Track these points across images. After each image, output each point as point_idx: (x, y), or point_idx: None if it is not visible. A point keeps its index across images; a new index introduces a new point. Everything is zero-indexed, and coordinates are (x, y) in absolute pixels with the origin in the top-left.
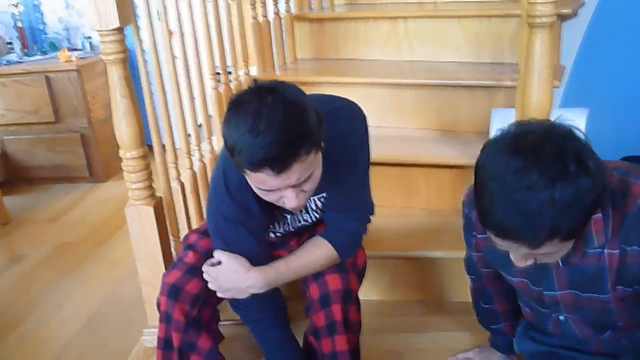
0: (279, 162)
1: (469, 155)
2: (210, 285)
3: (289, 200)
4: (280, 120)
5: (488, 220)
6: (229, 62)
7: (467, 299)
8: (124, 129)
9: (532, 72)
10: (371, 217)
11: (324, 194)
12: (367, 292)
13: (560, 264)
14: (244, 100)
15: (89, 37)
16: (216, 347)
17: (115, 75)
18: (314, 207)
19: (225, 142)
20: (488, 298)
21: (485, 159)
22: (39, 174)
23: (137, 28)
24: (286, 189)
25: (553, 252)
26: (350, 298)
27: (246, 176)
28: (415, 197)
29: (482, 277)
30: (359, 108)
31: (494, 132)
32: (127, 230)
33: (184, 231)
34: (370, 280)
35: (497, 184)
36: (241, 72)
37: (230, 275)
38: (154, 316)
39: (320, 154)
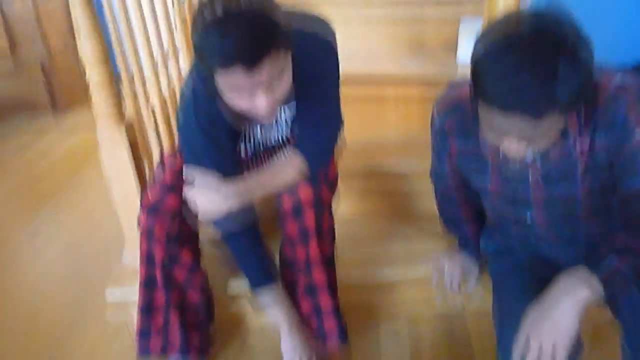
0: (250, 56)
1: (437, 72)
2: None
3: (260, 102)
4: (249, 18)
5: (495, 97)
6: None
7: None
8: (87, 46)
9: None
10: (340, 130)
11: (294, 103)
12: (340, 205)
13: (538, 160)
14: (211, 2)
15: None
16: (198, 261)
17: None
18: (283, 120)
19: (196, 48)
20: (453, 205)
21: (486, 41)
22: None
23: None
24: (258, 91)
25: (550, 128)
26: (322, 206)
27: (218, 81)
28: (385, 112)
29: (449, 187)
30: (329, 23)
31: (462, 42)
32: (95, 159)
33: (156, 157)
34: (342, 193)
35: (499, 60)
36: None
37: (204, 192)
38: (131, 237)
39: (289, 56)
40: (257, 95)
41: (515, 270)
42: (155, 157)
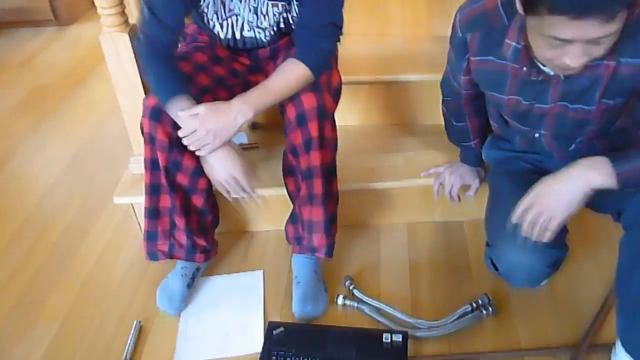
0: None
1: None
2: (193, 146)
3: None
4: None
5: (567, 3)
6: None
7: (439, 121)
8: None
9: None
10: (341, 36)
11: (282, 3)
12: (344, 118)
13: (562, 76)
14: None
15: None
16: (200, 166)
17: None
18: (269, 13)
19: None
20: (461, 116)
21: None
22: (0, 18)
23: None
24: None
25: (615, 31)
26: (325, 114)
27: None
28: (391, 24)
29: (460, 97)
30: None
31: None
32: (100, 71)
33: None
34: (347, 106)
35: None
36: None
37: (215, 114)
38: (138, 145)
39: None
40: None
41: (512, 176)
42: None
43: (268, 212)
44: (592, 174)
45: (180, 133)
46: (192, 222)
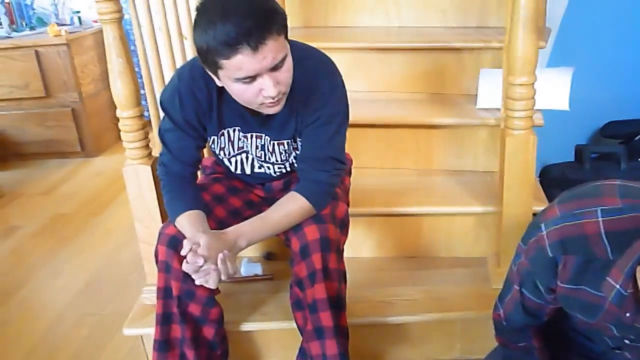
0: (254, 36)
1: (456, 115)
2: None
3: (268, 84)
4: (248, 3)
5: None
6: None
7: (456, 254)
8: (119, 88)
9: (517, 27)
10: (342, 170)
11: (287, 141)
12: (359, 250)
13: None
14: (207, 1)
15: (78, 12)
16: (214, 297)
17: (110, 35)
18: (277, 152)
19: (197, 45)
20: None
21: None
22: (30, 149)
23: None
24: (264, 75)
25: None
26: (328, 246)
27: (223, 77)
28: (405, 157)
29: (536, 317)
30: (334, 64)
31: (482, 92)
32: (120, 201)
33: None
34: (361, 238)
35: None
36: None
37: (215, 244)
38: (153, 275)
39: (288, 45)
40: (264, 78)
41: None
42: None
43: (279, 346)
44: None
45: (184, 268)
46: (201, 355)
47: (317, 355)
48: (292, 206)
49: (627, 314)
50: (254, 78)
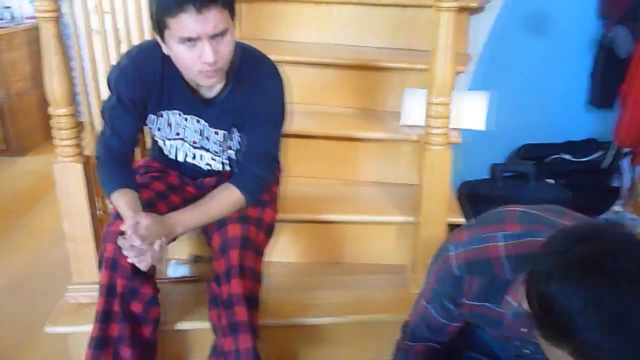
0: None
1: (382, 131)
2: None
3: (207, 50)
4: None
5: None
6: None
7: (378, 261)
8: (55, 85)
9: (437, 53)
10: (277, 167)
11: (224, 132)
12: (285, 254)
13: None
14: None
15: (9, 7)
16: (156, 295)
17: (48, 33)
18: (211, 139)
19: (151, 9)
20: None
21: (568, 289)
22: None
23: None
24: (204, 42)
25: None
26: (248, 245)
27: (169, 37)
28: (333, 168)
29: (439, 334)
30: (280, 72)
31: (406, 109)
32: (46, 202)
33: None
34: (288, 243)
35: (609, 316)
36: None
37: (155, 227)
38: (80, 273)
39: (232, 23)
40: (204, 43)
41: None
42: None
43: (205, 346)
44: None
45: (119, 242)
46: (135, 354)
47: (230, 352)
48: (226, 197)
49: (523, 329)
50: (195, 42)
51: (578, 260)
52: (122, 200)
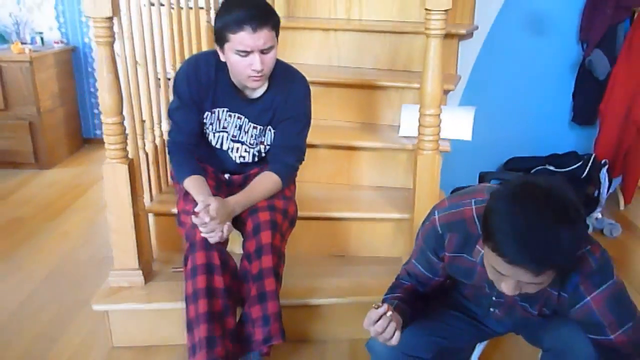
0: (255, 21)
1: (382, 141)
2: (211, 229)
3: (256, 61)
4: (259, 2)
5: (504, 252)
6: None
7: (377, 254)
8: (107, 98)
9: (427, 72)
10: (303, 161)
11: (261, 127)
12: (296, 247)
13: None
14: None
15: (41, 33)
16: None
17: (102, 54)
18: (250, 134)
19: (216, 25)
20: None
21: (498, 204)
22: None
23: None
24: (255, 55)
25: (544, 281)
26: (276, 228)
27: (227, 49)
28: (338, 174)
29: (422, 285)
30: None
31: (403, 122)
32: (74, 208)
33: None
34: (299, 238)
35: (513, 222)
36: None
37: (221, 208)
38: (121, 260)
39: (277, 42)
40: (255, 55)
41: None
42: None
43: None
44: None
45: (194, 220)
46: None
47: (257, 318)
48: (267, 181)
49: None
50: (248, 54)
51: (509, 190)
52: (193, 185)
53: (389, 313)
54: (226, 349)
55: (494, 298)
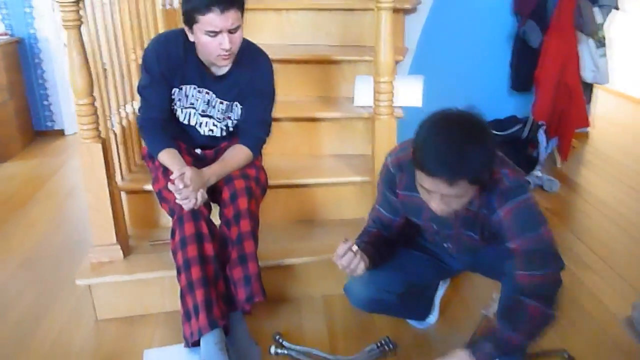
0: (223, 3)
1: (339, 111)
2: (185, 196)
3: (224, 41)
4: None
5: (424, 165)
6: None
7: (342, 216)
8: (78, 80)
9: (380, 44)
10: (270, 133)
11: (228, 102)
12: (267, 216)
13: (455, 215)
14: None
15: None
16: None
17: (72, 37)
18: (217, 109)
19: (185, 8)
20: (385, 233)
21: (422, 129)
22: None
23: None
24: (224, 35)
25: (462, 194)
26: (251, 194)
27: (196, 30)
28: (301, 145)
29: (386, 229)
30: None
31: (357, 93)
32: (38, 198)
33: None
34: (270, 206)
35: (431, 141)
36: None
37: (196, 177)
38: (99, 237)
39: (242, 22)
40: (223, 36)
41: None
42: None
43: None
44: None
45: (169, 187)
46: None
47: (239, 279)
48: (238, 152)
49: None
50: (217, 34)
51: (432, 117)
52: (168, 157)
53: (355, 248)
54: (221, 310)
55: (443, 232)
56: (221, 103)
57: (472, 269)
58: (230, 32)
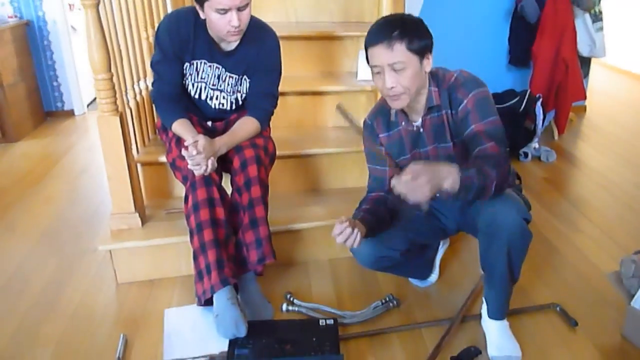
0: None
1: (342, 84)
2: (197, 162)
3: (233, 18)
4: None
5: (367, 41)
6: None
7: (346, 185)
8: (96, 56)
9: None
10: (276, 106)
11: (237, 76)
12: (275, 185)
13: (421, 128)
14: None
15: None
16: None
17: (90, 16)
18: (227, 83)
19: None
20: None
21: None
22: None
23: None
24: (232, 12)
25: (405, 62)
26: (260, 162)
27: (207, 9)
28: (305, 118)
29: (382, 183)
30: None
31: (361, 67)
32: (52, 174)
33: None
34: (278, 176)
35: (374, 26)
36: None
37: (208, 145)
38: (119, 205)
39: (250, 3)
40: (232, 13)
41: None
42: (132, 143)
43: None
44: (454, 169)
45: (183, 153)
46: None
47: (251, 242)
48: (247, 124)
49: (403, 123)
50: (227, 11)
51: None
52: (181, 127)
53: (348, 225)
54: (232, 270)
55: (422, 150)
56: (231, 77)
57: (463, 229)
58: (239, 9)
